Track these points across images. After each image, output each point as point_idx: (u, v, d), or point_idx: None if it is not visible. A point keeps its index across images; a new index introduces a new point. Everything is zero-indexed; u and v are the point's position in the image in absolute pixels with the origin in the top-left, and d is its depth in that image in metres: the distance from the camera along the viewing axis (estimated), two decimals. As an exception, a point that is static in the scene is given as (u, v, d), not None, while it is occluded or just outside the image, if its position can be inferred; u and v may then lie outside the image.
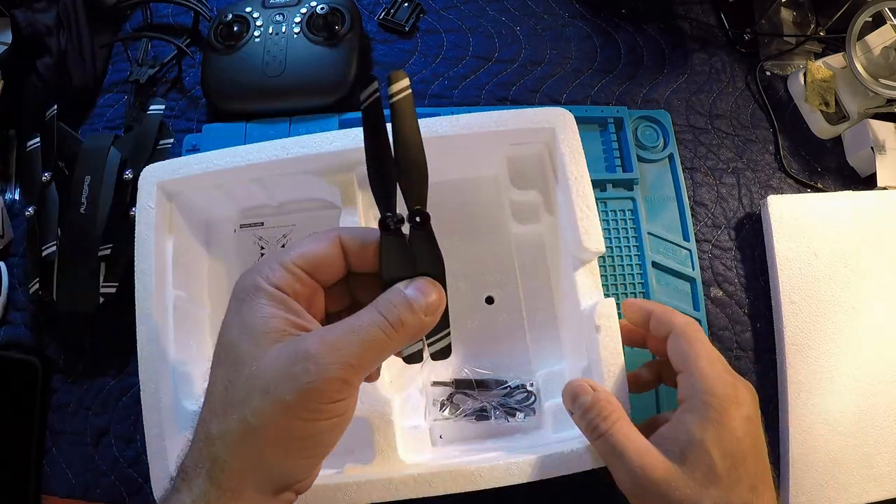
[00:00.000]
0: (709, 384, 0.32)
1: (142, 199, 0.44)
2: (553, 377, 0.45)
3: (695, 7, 0.62)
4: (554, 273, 0.48)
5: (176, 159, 0.45)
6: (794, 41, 0.59)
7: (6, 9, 0.54)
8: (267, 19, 0.56)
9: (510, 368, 0.47)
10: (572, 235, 0.42)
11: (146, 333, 0.41)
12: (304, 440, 0.27)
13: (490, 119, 0.44)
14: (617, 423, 0.34)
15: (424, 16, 0.61)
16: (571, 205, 0.41)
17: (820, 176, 0.57)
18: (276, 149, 0.44)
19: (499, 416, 0.45)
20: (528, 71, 0.58)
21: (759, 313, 0.52)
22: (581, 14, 0.61)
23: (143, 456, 0.49)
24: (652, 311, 0.38)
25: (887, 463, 0.47)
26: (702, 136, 0.57)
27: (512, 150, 0.46)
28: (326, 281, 0.30)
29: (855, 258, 0.51)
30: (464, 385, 0.46)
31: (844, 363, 0.49)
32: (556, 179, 0.44)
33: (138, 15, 0.62)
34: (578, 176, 0.42)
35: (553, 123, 0.43)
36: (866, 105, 0.56)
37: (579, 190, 0.42)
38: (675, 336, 0.36)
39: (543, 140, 0.45)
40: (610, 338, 0.38)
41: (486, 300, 0.49)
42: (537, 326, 0.48)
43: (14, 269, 0.53)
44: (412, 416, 0.45)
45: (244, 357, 0.26)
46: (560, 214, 0.44)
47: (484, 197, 0.51)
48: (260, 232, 0.51)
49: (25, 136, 0.52)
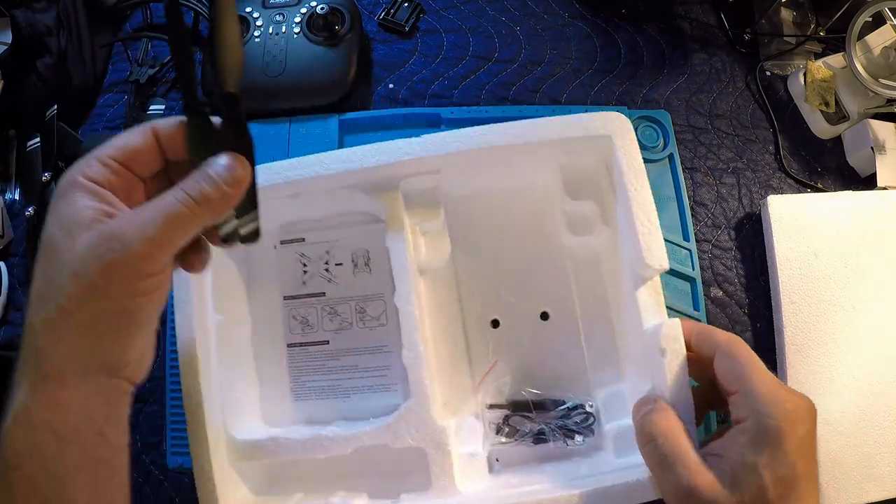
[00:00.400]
0: (765, 405, 0.31)
1: None
2: (614, 398, 0.43)
3: (695, 7, 0.62)
4: (612, 288, 0.46)
5: None
6: (794, 41, 0.59)
7: (6, 9, 0.54)
8: (267, 19, 0.56)
9: (567, 387, 0.45)
10: (633, 251, 0.39)
11: (189, 365, 0.40)
12: (116, 320, 0.27)
13: (543, 126, 0.41)
14: (671, 431, 0.33)
15: (424, 16, 0.61)
16: (631, 218, 0.39)
17: (820, 176, 0.57)
18: (315, 164, 0.42)
19: (557, 438, 0.42)
20: (528, 71, 0.58)
21: (759, 313, 0.52)
22: (581, 14, 0.61)
23: (142, 456, 0.49)
24: (691, 331, 0.36)
25: (887, 463, 0.47)
26: (702, 136, 0.57)
27: (566, 157, 0.44)
28: (144, 172, 0.30)
29: (855, 258, 0.51)
30: (521, 407, 0.44)
31: (844, 363, 0.49)
32: (615, 190, 0.42)
33: (138, 15, 0.62)
34: (638, 187, 0.39)
35: (610, 130, 0.41)
36: (866, 105, 0.56)
37: (639, 202, 0.39)
38: (722, 355, 0.34)
39: (599, 147, 0.42)
40: (676, 361, 0.36)
41: (542, 316, 0.47)
42: (595, 343, 0.46)
43: (14, 269, 0.53)
44: (468, 441, 0.43)
45: (59, 248, 0.27)
46: (619, 227, 0.42)
47: (534, 206, 0.48)
48: (302, 248, 0.49)
49: (25, 136, 0.52)
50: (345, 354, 0.47)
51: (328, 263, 0.48)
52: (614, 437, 0.41)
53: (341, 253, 0.48)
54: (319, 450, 0.40)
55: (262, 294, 0.48)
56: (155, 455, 0.49)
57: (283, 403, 0.47)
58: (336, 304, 0.48)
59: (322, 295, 0.48)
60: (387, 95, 0.57)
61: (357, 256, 0.48)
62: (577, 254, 0.47)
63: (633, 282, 0.40)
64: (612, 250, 0.44)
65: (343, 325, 0.48)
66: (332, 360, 0.47)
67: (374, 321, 0.47)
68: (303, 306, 0.48)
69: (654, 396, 0.36)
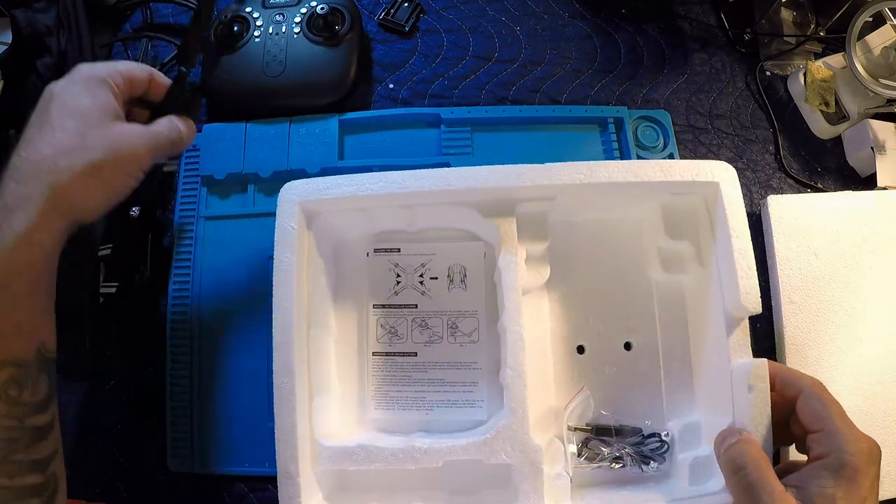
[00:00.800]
0: (846, 444, 0.34)
1: (282, 219, 0.42)
2: (689, 429, 0.44)
3: (695, 7, 0.62)
4: (695, 325, 0.47)
5: (318, 179, 0.43)
6: (794, 41, 0.59)
7: (6, 9, 0.54)
8: (267, 19, 0.56)
9: (644, 416, 0.46)
10: (729, 292, 0.41)
11: (283, 365, 0.40)
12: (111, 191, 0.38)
13: (659, 168, 0.43)
14: (758, 461, 0.35)
15: (424, 16, 0.61)
16: (732, 262, 0.41)
17: (820, 176, 0.57)
18: (437, 179, 0.43)
19: (634, 463, 0.44)
20: (528, 71, 0.58)
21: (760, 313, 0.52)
22: (581, 14, 0.61)
23: (142, 456, 0.49)
24: (777, 373, 0.39)
25: (887, 463, 0.47)
26: (702, 136, 0.57)
27: (668, 198, 0.45)
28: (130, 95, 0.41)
29: (855, 258, 0.51)
30: (602, 431, 0.45)
31: (844, 363, 0.49)
32: (715, 234, 0.44)
33: (138, 15, 0.62)
34: (740, 233, 0.42)
35: (718, 177, 0.43)
36: (866, 105, 0.56)
37: (740, 248, 0.41)
38: (806, 396, 0.37)
39: (703, 192, 0.44)
40: (761, 398, 0.38)
41: (625, 346, 0.48)
42: (673, 376, 0.47)
43: (14, 269, 0.53)
44: (552, 462, 0.44)
45: (95, 122, 0.37)
46: (714, 268, 0.44)
47: (630, 239, 0.49)
48: (396, 258, 0.49)
49: (25, 136, 0.52)
50: (433, 367, 0.48)
51: (423, 276, 0.49)
52: (689, 466, 0.42)
53: (437, 267, 0.49)
54: (410, 461, 0.40)
55: (350, 300, 0.49)
56: (155, 455, 0.49)
57: (362, 411, 0.47)
58: (428, 317, 0.48)
59: (414, 307, 0.49)
60: (387, 95, 0.57)
61: (453, 272, 0.49)
62: (665, 289, 0.49)
63: (726, 322, 0.42)
64: (700, 290, 0.46)
65: (433, 339, 0.48)
66: (419, 372, 0.47)
67: (465, 337, 0.48)
68: (392, 316, 0.48)
69: (738, 428, 0.38)
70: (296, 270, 0.41)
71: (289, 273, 0.41)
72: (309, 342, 0.42)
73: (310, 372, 0.42)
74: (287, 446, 0.39)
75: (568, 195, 0.44)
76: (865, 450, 0.34)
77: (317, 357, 0.44)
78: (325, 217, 0.45)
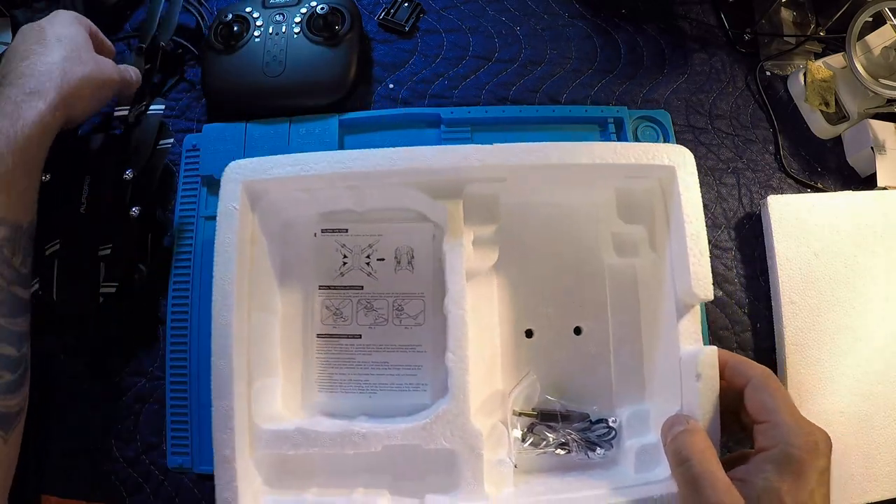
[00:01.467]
0: (791, 436, 0.33)
1: (224, 200, 0.42)
2: (638, 416, 0.44)
3: (695, 7, 0.62)
4: (646, 311, 0.47)
5: (263, 158, 0.43)
6: (794, 41, 0.59)
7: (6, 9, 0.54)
8: (267, 19, 0.56)
9: (592, 402, 0.46)
10: (680, 278, 0.41)
11: (221, 347, 0.39)
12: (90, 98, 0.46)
13: (613, 150, 0.42)
14: (703, 453, 0.35)
15: (424, 16, 0.61)
16: (685, 248, 0.40)
17: (820, 176, 0.57)
18: (382, 158, 0.42)
19: (580, 449, 0.44)
20: (528, 71, 0.58)
21: (759, 313, 0.52)
22: (581, 14, 0.61)
23: (142, 456, 0.49)
24: (727, 362, 0.38)
25: (887, 463, 0.47)
26: (702, 136, 0.57)
27: (623, 182, 0.45)
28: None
29: (855, 258, 0.51)
30: (547, 417, 0.45)
31: (844, 363, 0.49)
32: (669, 218, 0.43)
33: (138, 14, 0.62)
34: (694, 218, 0.41)
35: (675, 162, 0.42)
36: (866, 105, 0.56)
37: (693, 233, 0.41)
38: (754, 387, 0.36)
39: (659, 176, 0.44)
40: (709, 387, 0.37)
41: (575, 330, 0.48)
42: (622, 362, 0.47)
43: (14, 269, 0.53)
44: (495, 447, 0.44)
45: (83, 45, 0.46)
46: (667, 254, 0.43)
47: (582, 224, 0.49)
48: (343, 239, 0.49)
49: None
50: (377, 350, 0.47)
51: (370, 257, 0.48)
52: (636, 453, 0.42)
53: (385, 248, 0.49)
54: (349, 445, 0.40)
55: (297, 281, 0.48)
56: (155, 455, 0.49)
57: (306, 394, 0.46)
58: (373, 298, 0.48)
59: (360, 288, 0.48)
60: (387, 95, 0.57)
61: (400, 254, 0.49)
62: (617, 275, 0.48)
63: (677, 308, 0.41)
64: (652, 275, 0.45)
65: (378, 321, 0.48)
66: (363, 355, 0.47)
67: (410, 320, 0.48)
68: (338, 297, 0.48)
69: (685, 416, 0.38)
70: (237, 251, 0.41)
71: (230, 254, 0.41)
72: (252, 324, 0.42)
73: (251, 354, 0.41)
74: (223, 430, 0.38)
75: (520, 177, 0.44)
76: (812, 442, 0.33)
77: (261, 339, 0.43)
78: (272, 197, 0.44)
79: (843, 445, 0.47)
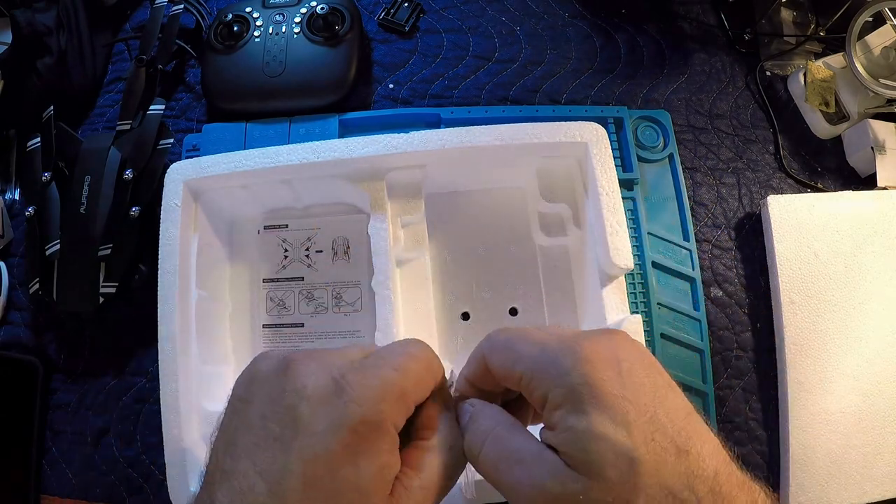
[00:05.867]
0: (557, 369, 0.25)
1: (167, 197, 0.44)
2: None
3: (695, 7, 0.62)
4: (579, 287, 0.48)
5: (203, 157, 0.45)
6: (794, 41, 0.59)
7: (6, 9, 0.54)
8: (267, 19, 0.56)
9: None
10: (601, 251, 0.42)
11: (167, 332, 0.42)
12: None
13: (525, 131, 0.44)
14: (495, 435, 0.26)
15: (424, 16, 0.61)
16: (602, 220, 0.42)
17: (820, 176, 0.57)
18: (307, 151, 0.44)
19: None
20: (528, 71, 0.58)
21: (759, 313, 0.52)
22: (581, 14, 0.61)
23: (142, 456, 0.49)
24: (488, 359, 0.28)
25: (887, 463, 0.47)
26: (702, 136, 0.57)
27: (543, 162, 0.46)
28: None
29: (855, 258, 0.51)
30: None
31: (844, 363, 0.49)
32: (587, 194, 0.44)
33: (138, 15, 0.62)
34: (609, 191, 0.42)
35: (586, 138, 0.44)
36: (866, 105, 0.56)
37: (610, 205, 0.42)
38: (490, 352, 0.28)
39: (575, 154, 0.45)
40: None
41: (510, 311, 0.49)
42: None
43: (14, 269, 0.53)
44: None
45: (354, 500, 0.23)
46: (589, 229, 0.44)
47: (510, 207, 0.51)
48: (284, 234, 0.51)
49: (25, 136, 0.52)
50: (319, 337, 0.50)
51: (308, 250, 0.51)
52: None
53: (322, 240, 0.51)
54: None
55: (244, 276, 0.51)
56: (155, 455, 0.49)
57: None
58: (314, 288, 0.51)
59: (301, 280, 0.51)
60: (387, 95, 0.57)
61: (337, 245, 0.51)
62: (548, 254, 0.50)
63: (600, 280, 0.43)
64: (581, 251, 0.47)
65: (319, 309, 0.50)
66: (306, 343, 0.49)
67: (349, 307, 0.50)
68: (281, 289, 0.51)
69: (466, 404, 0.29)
70: (179, 245, 0.43)
71: (172, 247, 0.43)
72: (203, 316, 0.44)
73: (202, 344, 0.43)
74: (170, 410, 0.40)
75: (440, 163, 0.45)
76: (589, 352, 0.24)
77: (211, 330, 0.46)
78: (214, 195, 0.46)
79: (843, 445, 0.47)
